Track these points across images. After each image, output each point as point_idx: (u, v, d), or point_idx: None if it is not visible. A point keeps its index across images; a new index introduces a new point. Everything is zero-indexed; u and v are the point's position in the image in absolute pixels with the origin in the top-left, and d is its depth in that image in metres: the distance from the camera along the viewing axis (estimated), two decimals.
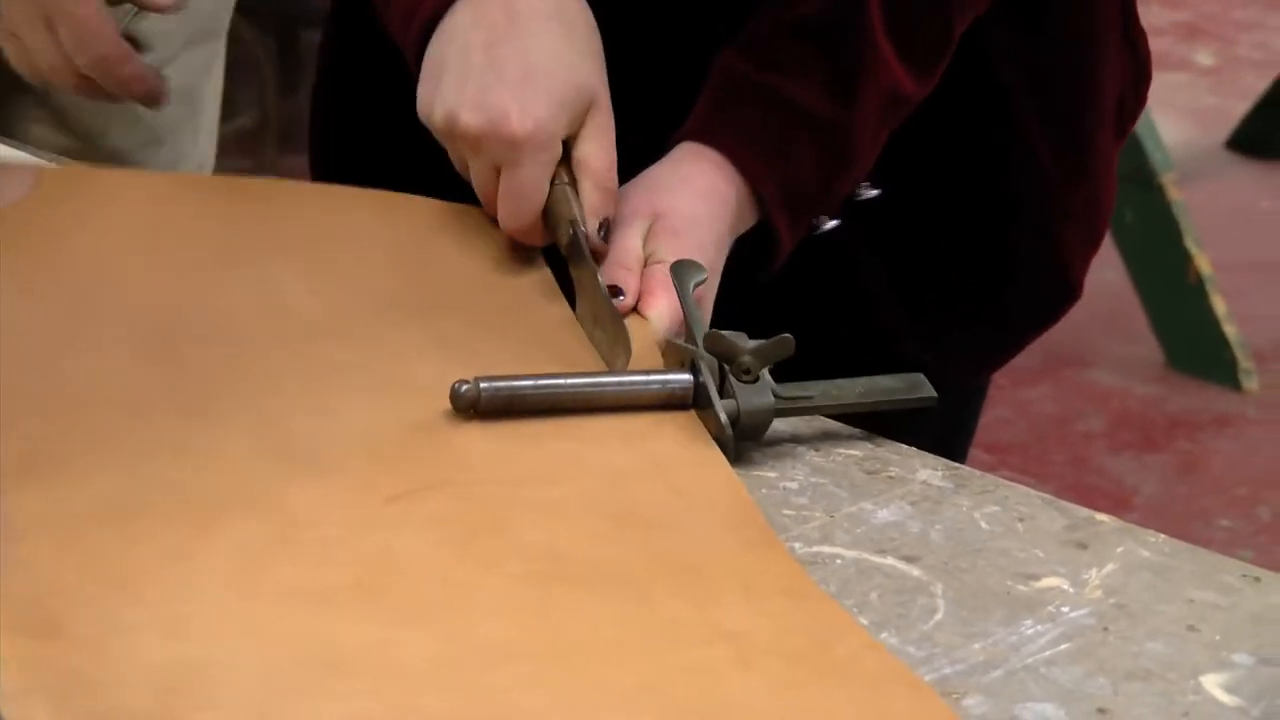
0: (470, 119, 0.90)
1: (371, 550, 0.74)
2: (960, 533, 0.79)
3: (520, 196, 0.91)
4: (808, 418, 0.87)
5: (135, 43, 1.10)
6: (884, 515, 0.81)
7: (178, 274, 0.93)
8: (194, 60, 1.35)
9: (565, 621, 0.71)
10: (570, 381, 0.84)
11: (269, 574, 0.71)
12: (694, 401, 0.84)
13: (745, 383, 0.83)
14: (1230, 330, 3.16)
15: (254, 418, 0.82)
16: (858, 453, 0.86)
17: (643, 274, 0.91)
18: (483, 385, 0.81)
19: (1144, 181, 3.11)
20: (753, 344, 0.83)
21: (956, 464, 0.86)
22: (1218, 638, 0.72)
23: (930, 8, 0.99)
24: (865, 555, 0.77)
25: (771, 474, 0.83)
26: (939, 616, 0.73)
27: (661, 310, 0.90)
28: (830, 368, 0.89)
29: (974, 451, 1.28)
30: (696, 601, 0.73)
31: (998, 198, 1.11)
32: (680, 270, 0.89)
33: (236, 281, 0.93)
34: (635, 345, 0.87)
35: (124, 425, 0.80)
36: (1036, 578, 0.76)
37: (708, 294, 0.93)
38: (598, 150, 0.92)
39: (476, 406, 0.81)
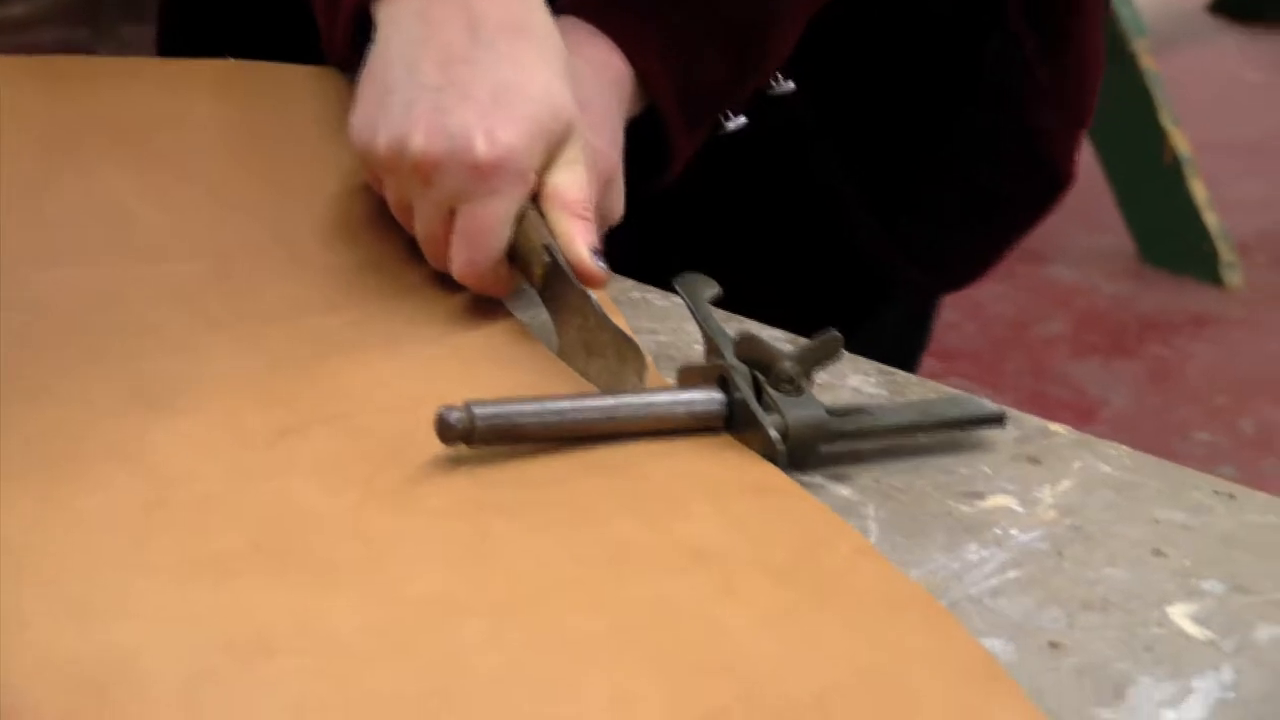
0: (425, 144, 0.84)
1: (261, 504, 0.71)
2: (895, 446, 0.79)
3: (481, 234, 0.85)
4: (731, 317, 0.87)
5: None
6: None
7: None
8: None
9: (508, 562, 0.68)
10: (581, 404, 0.77)
11: (155, 542, 0.68)
12: (728, 423, 0.79)
13: (787, 394, 0.78)
14: (1211, 219, 3.19)
15: (99, 357, 0.81)
16: None
17: None
18: (478, 412, 0.74)
19: (1113, 50, 3.12)
20: (793, 349, 0.79)
21: (891, 368, 0.86)
22: (1186, 563, 0.72)
23: None
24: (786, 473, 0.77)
25: (674, 381, 0.82)
26: (871, 541, 0.72)
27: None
28: (801, 286, 0.89)
29: (923, 359, 1.29)
30: (655, 517, 0.71)
31: (965, 75, 1.10)
32: (690, 284, 0.85)
33: (65, 187, 0.91)
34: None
35: None
36: (981, 497, 0.76)
37: (615, 180, 0.93)
38: (573, 180, 0.87)
39: (470, 439, 0.75)
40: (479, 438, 0.74)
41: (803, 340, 0.82)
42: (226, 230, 0.91)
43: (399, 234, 0.90)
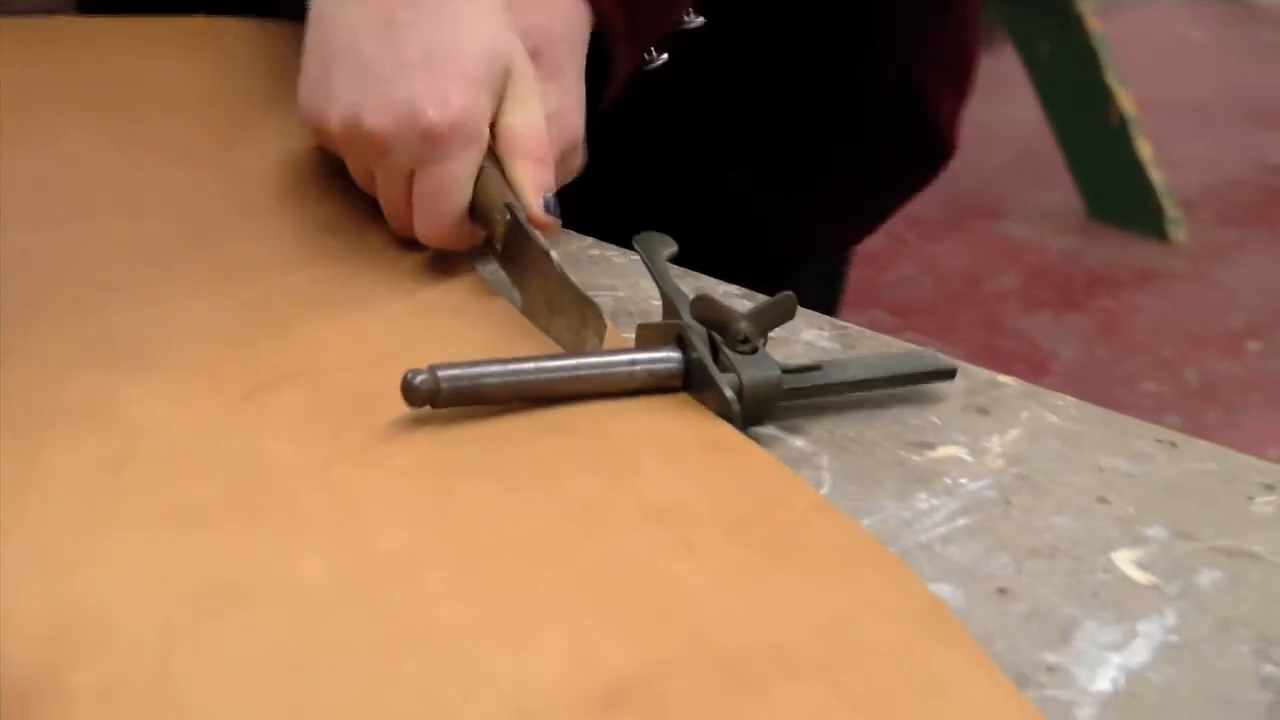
0: (377, 120, 0.84)
1: (233, 458, 0.71)
2: (848, 399, 0.80)
3: (440, 193, 0.85)
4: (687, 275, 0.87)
5: None
6: None
7: None
8: None
9: (471, 519, 0.69)
10: (542, 366, 0.77)
11: (126, 496, 0.68)
12: (685, 382, 0.79)
13: (743, 354, 0.78)
14: (1156, 176, 3.20)
15: (65, 315, 0.80)
16: None
17: None
18: (441, 375, 0.75)
19: (1061, 11, 3.13)
20: (748, 309, 0.79)
21: (845, 323, 0.87)
22: (1130, 510, 0.73)
23: None
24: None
25: (632, 338, 0.83)
26: (825, 491, 0.73)
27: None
28: (676, 238, 0.89)
29: (878, 313, 1.30)
30: (614, 475, 0.71)
31: (853, 34, 1.10)
32: (648, 242, 0.85)
33: (26, 143, 0.91)
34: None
35: None
36: (932, 447, 0.77)
37: (578, 145, 0.93)
38: (524, 119, 0.86)
39: (435, 401, 0.75)
40: (443, 400, 0.75)
41: (761, 296, 0.82)
42: (192, 189, 0.90)
43: (362, 193, 0.90)
